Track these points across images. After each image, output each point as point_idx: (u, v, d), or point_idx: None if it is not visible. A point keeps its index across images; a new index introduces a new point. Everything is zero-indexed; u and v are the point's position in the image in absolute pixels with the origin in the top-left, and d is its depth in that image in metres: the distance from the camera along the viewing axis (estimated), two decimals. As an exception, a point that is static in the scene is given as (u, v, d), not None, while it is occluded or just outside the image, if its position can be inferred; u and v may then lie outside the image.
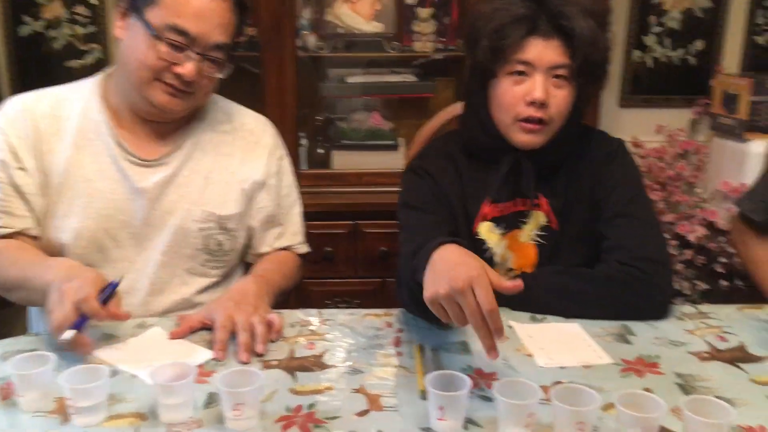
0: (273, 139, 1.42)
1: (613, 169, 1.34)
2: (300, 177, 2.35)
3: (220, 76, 1.27)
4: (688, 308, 1.28)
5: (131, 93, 1.26)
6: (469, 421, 0.92)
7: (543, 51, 1.24)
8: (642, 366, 1.06)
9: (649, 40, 2.69)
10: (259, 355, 1.09)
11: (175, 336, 1.15)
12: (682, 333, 1.18)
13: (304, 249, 1.48)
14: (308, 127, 2.53)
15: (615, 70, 2.71)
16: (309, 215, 2.25)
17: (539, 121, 1.26)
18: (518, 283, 0.95)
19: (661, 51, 2.70)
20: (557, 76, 1.26)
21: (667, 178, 2.61)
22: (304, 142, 2.47)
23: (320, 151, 2.49)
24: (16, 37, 2.54)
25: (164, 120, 1.30)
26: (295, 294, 2.35)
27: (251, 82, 2.42)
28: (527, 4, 1.25)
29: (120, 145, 1.28)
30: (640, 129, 2.71)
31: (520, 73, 1.26)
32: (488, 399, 0.97)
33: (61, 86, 1.34)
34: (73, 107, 1.29)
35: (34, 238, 1.28)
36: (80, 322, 1.04)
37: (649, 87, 2.74)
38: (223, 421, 0.91)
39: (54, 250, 1.28)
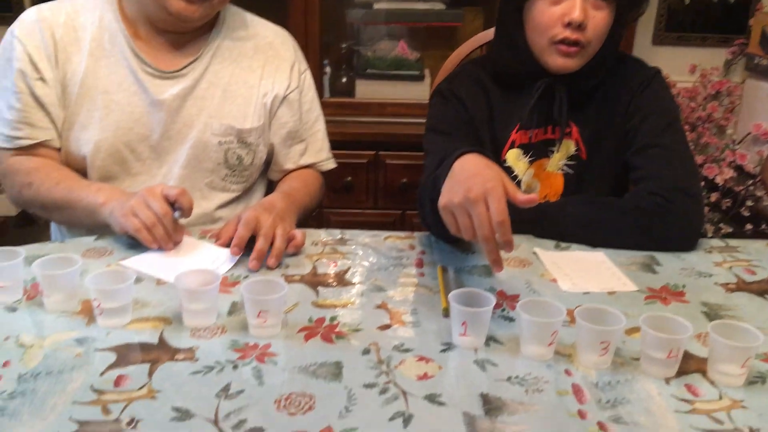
0: (294, 52, 1.40)
1: (647, 97, 1.30)
2: (323, 105, 2.34)
3: None
4: (716, 241, 1.26)
5: (148, 2, 1.23)
6: (491, 339, 0.91)
7: (583, -31, 1.19)
8: (667, 294, 1.05)
9: (687, -24, 2.59)
10: (269, 268, 1.10)
11: (235, 253, 1.12)
12: (710, 265, 1.16)
13: (331, 165, 1.47)
14: (332, 55, 2.49)
15: (650, 6, 2.61)
16: (330, 144, 2.26)
17: (575, 44, 1.22)
18: (533, 197, 0.94)
19: (698, -12, 2.60)
20: (596, -4, 1.21)
21: (697, 119, 2.55)
22: (327, 70, 2.43)
23: (344, 79, 2.45)
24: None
25: (182, 30, 1.27)
26: (316, 221, 2.37)
27: (276, 8, 2.36)
28: None
29: (137, 56, 1.26)
30: (673, 68, 2.62)
31: (558, -8, 1.21)
32: (510, 319, 0.97)
33: None
34: (90, 17, 1.27)
35: (57, 151, 1.28)
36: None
37: (685, 25, 2.65)
38: (246, 328, 0.92)
39: (76, 163, 1.28)
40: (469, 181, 0.92)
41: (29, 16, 1.25)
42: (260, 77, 1.33)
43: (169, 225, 1.10)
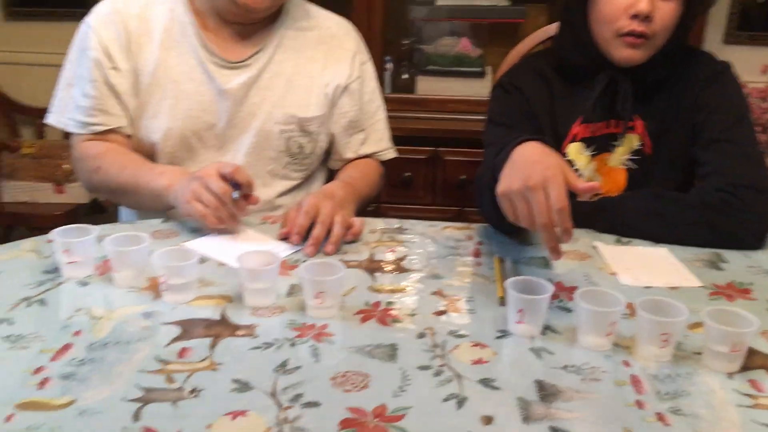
0: (356, 43, 1.41)
1: (716, 91, 1.27)
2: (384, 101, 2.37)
3: None
4: (786, 241, 1.21)
5: None
6: (548, 328, 0.91)
7: (651, -40, 1.17)
8: (733, 291, 1.02)
9: (762, -28, 2.50)
10: (327, 254, 1.11)
11: (295, 241, 1.14)
12: (779, 264, 1.12)
13: (391, 154, 1.48)
14: (394, 52, 2.50)
15: (722, 4, 2.54)
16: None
17: (642, 36, 1.20)
18: (594, 185, 0.93)
19: (774, -15, 2.51)
20: (664, -12, 1.19)
21: (768, 122, 2.46)
22: (389, 66, 2.44)
23: (405, 76, 2.46)
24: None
25: (248, 21, 1.30)
26: (374, 215, 2.38)
27: (340, 5, 2.39)
28: None
29: (205, 46, 1.30)
30: (745, 68, 2.51)
31: (625, -16, 1.20)
32: (568, 310, 0.96)
33: None
34: (161, 9, 1.31)
35: (128, 137, 1.33)
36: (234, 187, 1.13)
37: (757, 24, 2.57)
38: (304, 309, 0.93)
39: (145, 150, 1.32)
40: (529, 168, 0.92)
41: (104, 8, 1.31)
42: (323, 67, 1.36)
43: (231, 203, 1.12)
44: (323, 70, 1.36)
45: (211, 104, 1.30)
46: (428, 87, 2.40)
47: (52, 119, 1.33)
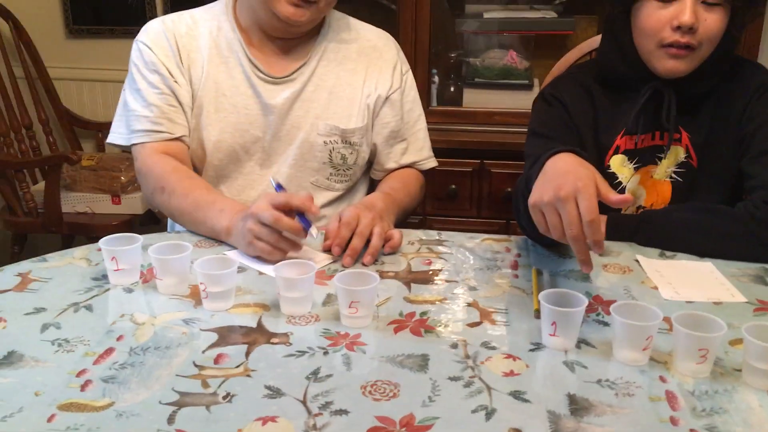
0: (396, 54, 1.43)
1: (765, 102, 1.23)
2: (430, 114, 2.38)
3: None
4: (839, 256, 1.17)
5: (258, 10, 1.30)
6: (583, 342, 0.90)
7: (694, -30, 1.15)
8: (779, 307, 0.99)
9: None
10: (365, 265, 1.12)
11: (336, 253, 1.14)
12: (830, 280, 1.08)
13: (432, 164, 1.49)
14: (441, 65, 2.51)
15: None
16: (436, 152, 2.24)
17: (686, 47, 1.18)
18: (627, 197, 0.92)
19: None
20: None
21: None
22: (436, 79, 2.45)
23: (452, 88, 2.47)
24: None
25: (291, 35, 1.33)
26: (418, 227, 2.39)
27: (387, 18, 2.42)
28: None
29: (252, 62, 1.33)
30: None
31: (668, -6, 1.18)
32: (605, 324, 0.95)
33: (194, 9, 1.39)
34: (208, 26, 1.35)
35: (188, 147, 1.35)
36: (301, 219, 1.09)
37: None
38: (339, 319, 0.95)
39: (196, 161, 1.36)
40: (560, 179, 0.92)
41: (155, 26, 1.35)
42: (364, 79, 1.38)
43: (289, 230, 1.09)
44: (364, 82, 1.38)
45: (258, 118, 1.34)
46: (475, 99, 2.40)
47: (113, 138, 1.36)
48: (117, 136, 1.35)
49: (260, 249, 1.09)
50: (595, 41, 1.58)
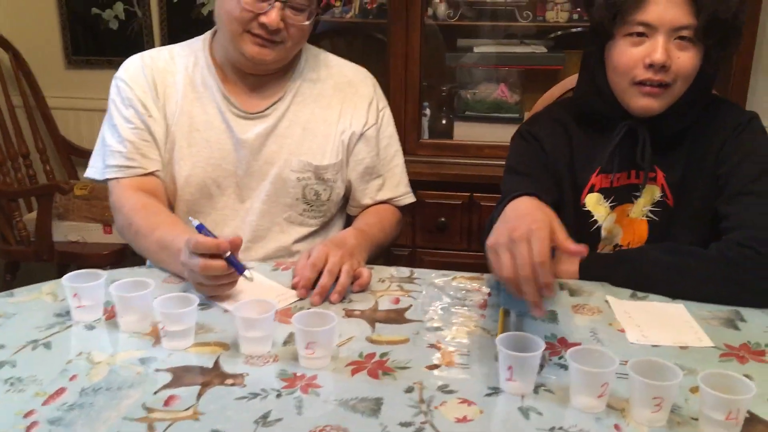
0: (372, 90, 1.43)
1: (741, 142, 1.23)
2: (420, 147, 2.38)
3: (305, 23, 1.29)
4: (815, 300, 1.15)
5: (228, 47, 1.31)
6: (541, 386, 0.88)
7: (665, 10, 1.15)
8: (746, 353, 0.97)
9: (817, 15, 2.42)
10: (332, 303, 1.12)
11: (301, 294, 1.14)
12: (802, 324, 1.06)
13: (409, 199, 1.49)
14: (433, 98, 2.52)
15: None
16: (426, 184, 2.29)
17: (659, 85, 1.18)
18: (582, 249, 0.91)
19: (829, 28, 2.42)
20: (681, 38, 1.16)
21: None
22: (427, 112, 2.46)
23: (443, 121, 2.47)
24: (170, 2, 2.73)
25: (260, 72, 1.34)
26: (408, 260, 2.38)
27: (378, 50, 2.44)
28: None
29: (226, 97, 1.34)
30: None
31: (640, 34, 1.18)
32: (567, 368, 0.93)
33: (173, 45, 1.42)
34: (185, 62, 1.37)
35: (162, 182, 1.36)
36: (232, 262, 1.07)
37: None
38: (297, 359, 0.94)
39: (170, 195, 1.37)
40: (517, 221, 0.91)
41: (133, 62, 1.37)
42: (339, 115, 1.38)
43: (220, 273, 1.07)
44: (339, 118, 1.38)
45: (230, 153, 1.34)
46: (465, 132, 2.41)
47: (89, 172, 1.38)
48: (93, 170, 1.36)
49: (207, 291, 1.09)
50: (575, 78, 1.58)
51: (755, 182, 1.19)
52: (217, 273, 1.06)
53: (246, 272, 1.08)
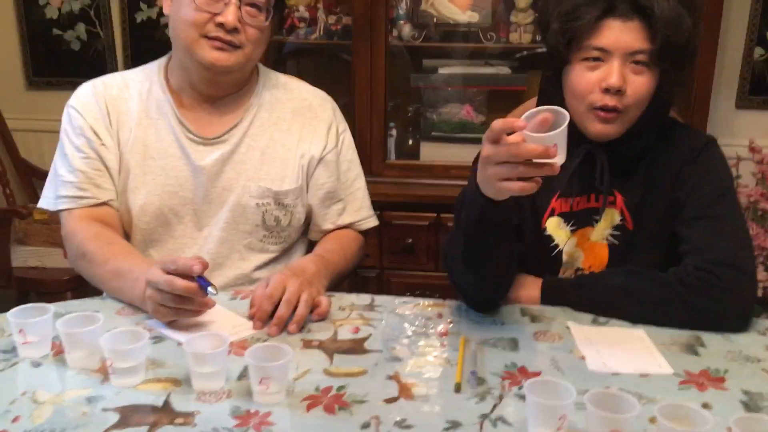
0: (332, 114, 1.42)
1: (698, 167, 1.23)
2: (387, 167, 2.38)
3: (264, 23, 1.27)
4: (773, 322, 1.16)
5: (186, 62, 1.29)
6: (500, 419, 0.87)
7: (620, 35, 1.15)
8: (706, 380, 0.97)
9: (773, 36, 2.47)
10: (290, 334, 1.09)
11: (257, 327, 1.11)
12: (760, 349, 1.06)
13: (371, 223, 1.47)
14: (400, 118, 2.52)
15: (733, 69, 2.51)
16: (393, 205, 2.27)
17: (614, 110, 1.18)
18: (521, 123, 0.96)
19: (786, 49, 2.48)
20: (636, 62, 1.17)
21: (786, 186, 2.39)
22: (394, 132, 2.46)
23: (409, 142, 2.47)
24: (132, 22, 2.70)
25: (220, 88, 1.32)
26: (375, 284, 2.37)
27: (344, 71, 2.44)
28: None
29: (182, 123, 1.32)
30: (759, 132, 2.49)
31: (596, 59, 1.18)
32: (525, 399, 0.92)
33: (127, 70, 1.40)
34: (139, 88, 1.34)
35: (117, 211, 1.33)
36: (200, 279, 1.05)
37: (771, 88, 2.53)
38: (251, 394, 0.91)
39: (125, 225, 1.34)
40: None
41: (85, 90, 1.34)
42: (298, 139, 1.36)
43: (184, 292, 1.05)
44: (299, 142, 1.36)
45: (187, 180, 1.31)
46: (432, 153, 2.41)
47: (42, 203, 1.34)
48: (45, 200, 1.33)
49: (165, 314, 1.07)
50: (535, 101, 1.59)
51: (712, 206, 1.20)
52: (181, 292, 1.03)
53: (210, 288, 1.05)
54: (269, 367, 0.89)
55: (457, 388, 0.94)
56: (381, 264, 2.35)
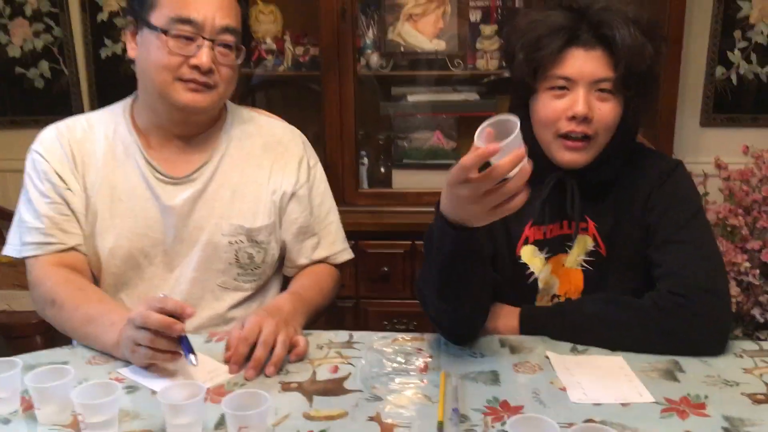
0: (302, 148, 1.41)
1: (667, 191, 1.24)
2: (360, 196, 2.37)
3: (237, 62, 1.27)
4: (749, 344, 1.16)
5: (157, 105, 1.28)
6: (484, 458, 0.86)
7: (584, 64, 1.17)
8: (686, 406, 0.97)
9: (734, 56, 2.53)
10: (267, 376, 1.08)
11: (233, 371, 1.09)
12: (739, 372, 1.07)
13: (346, 256, 1.45)
14: (371, 146, 2.52)
15: (697, 88, 2.56)
16: (367, 234, 2.26)
17: (583, 138, 1.19)
18: (494, 147, 0.95)
19: (747, 67, 2.53)
20: (601, 90, 1.19)
21: (752, 203, 2.43)
22: (365, 161, 2.46)
23: (381, 170, 2.47)
24: (97, 59, 2.67)
25: (191, 128, 1.31)
26: (352, 314, 2.35)
27: (313, 100, 2.43)
28: (566, 14, 1.19)
29: (149, 163, 1.30)
30: (724, 149, 2.54)
31: (561, 87, 1.20)
32: (510, 435, 0.91)
33: (92, 112, 1.38)
34: (104, 130, 1.32)
35: (85, 256, 1.30)
36: (184, 346, 1.04)
37: (734, 105, 2.58)
38: (230, 444, 0.89)
39: (93, 269, 1.31)
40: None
41: (49, 134, 1.32)
42: (269, 175, 1.35)
43: (159, 327, 1.03)
44: (270, 178, 1.35)
45: (157, 221, 1.29)
46: (404, 180, 2.41)
47: (6, 250, 1.31)
48: (10, 247, 1.30)
49: (143, 355, 1.04)
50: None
51: (682, 229, 1.21)
52: (155, 326, 1.01)
53: (191, 357, 1.02)
54: (247, 415, 0.87)
55: (440, 427, 0.93)
56: (357, 293, 2.34)
